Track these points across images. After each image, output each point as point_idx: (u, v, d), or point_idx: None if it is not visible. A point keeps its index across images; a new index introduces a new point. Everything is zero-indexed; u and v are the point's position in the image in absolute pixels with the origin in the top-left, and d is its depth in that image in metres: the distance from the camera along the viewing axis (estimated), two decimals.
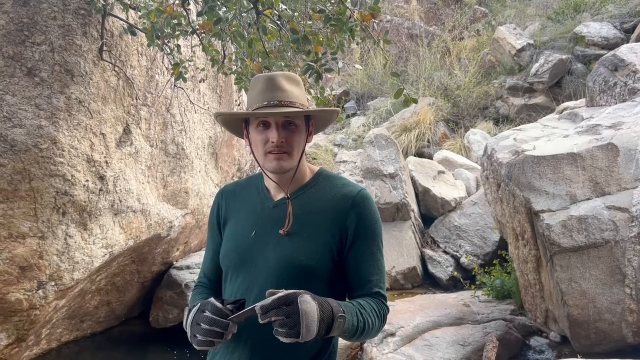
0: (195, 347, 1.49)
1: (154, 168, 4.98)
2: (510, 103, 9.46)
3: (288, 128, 1.62)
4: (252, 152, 1.69)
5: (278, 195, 1.71)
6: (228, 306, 1.48)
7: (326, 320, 1.39)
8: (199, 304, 1.51)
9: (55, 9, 3.91)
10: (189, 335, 1.51)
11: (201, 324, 1.45)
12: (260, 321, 1.35)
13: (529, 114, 8.96)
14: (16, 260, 3.90)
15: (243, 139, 1.76)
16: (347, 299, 1.67)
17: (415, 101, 2.87)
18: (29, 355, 4.59)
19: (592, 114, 4.79)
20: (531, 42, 9.78)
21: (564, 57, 9.21)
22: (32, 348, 4.58)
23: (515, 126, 6.92)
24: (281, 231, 1.62)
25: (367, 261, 1.63)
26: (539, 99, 9.22)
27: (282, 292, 1.37)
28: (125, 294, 5.41)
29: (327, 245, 1.60)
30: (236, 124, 1.76)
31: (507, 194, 4.36)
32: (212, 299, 1.49)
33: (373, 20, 3.00)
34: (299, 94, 1.67)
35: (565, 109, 5.58)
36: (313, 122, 1.73)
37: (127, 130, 4.59)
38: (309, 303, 1.36)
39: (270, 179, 1.69)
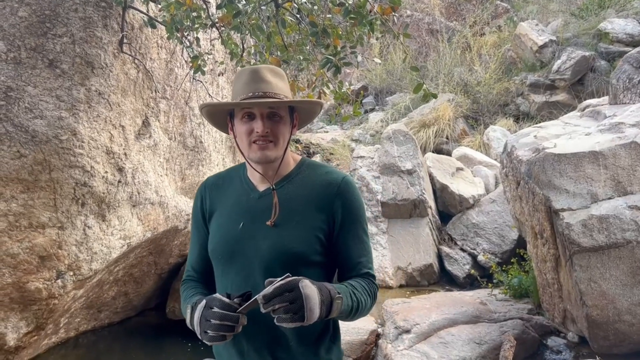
0: (207, 342, 1.51)
1: (172, 161, 5.01)
2: (531, 100, 9.33)
3: (272, 119, 1.66)
4: (237, 144, 1.72)
5: (262, 186, 1.73)
6: (235, 300, 1.49)
7: (326, 302, 1.45)
8: (204, 300, 1.53)
9: (77, 0, 3.94)
10: (198, 332, 1.53)
11: (211, 320, 1.47)
12: (263, 310, 1.39)
13: (550, 111, 8.83)
14: (36, 249, 3.95)
15: (227, 133, 1.79)
16: (336, 281, 1.73)
17: (435, 96, 2.84)
18: (47, 343, 4.66)
19: (615, 111, 4.70)
20: (554, 38, 9.62)
21: (587, 54, 9.06)
22: (50, 337, 4.64)
23: (536, 123, 6.82)
24: (268, 222, 1.65)
25: (355, 244, 1.70)
26: (560, 96, 9.07)
27: (281, 280, 1.40)
28: (143, 285, 5.46)
29: (316, 231, 1.65)
30: (221, 117, 1.78)
31: (526, 192, 4.30)
32: (217, 295, 1.51)
33: (393, 13, 2.97)
34: (283, 87, 1.70)
35: (587, 106, 5.48)
36: (297, 115, 1.76)
37: (146, 123, 4.62)
38: (309, 287, 1.41)
39: (255, 169, 1.71)
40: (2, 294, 3.95)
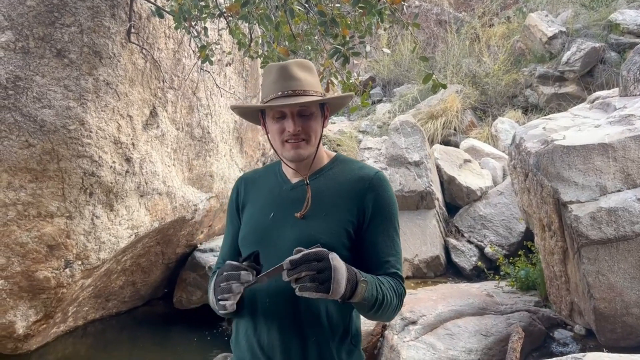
0: (222, 313, 1.53)
1: (180, 151, 5.02)
2: (540, 92, 9.26)
3: (304, 116, 1.64)
4: (270, 141, 1.72)
5: (295, 179, 1.73)
6: (244, 263, 1.51)
7: (352, 281, 1.43)
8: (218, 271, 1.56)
9: None
10: (214, 304, 1.55)
11: (220, 285, 1.49)
12: (287, 277, 1.37)
13: (559, 103, 8.76)
14: (44, 239, 3.97)
15: (261, 127, 1.79)
16: None
17: (445, 86, 2.82)
18: (56, 332, 4.70)
19: (625, 103, 4.66)
20: (563, 29, 9.53)
21: (597, 45, 8.97)
22: (59, 325, 4.68)
23: (545, 115, 6.77)
24: (297, 214, 1.64)
25: (384, 242, 1.65)
26: (569, 88, 9.00)
27: (311, 249, 1.39)
28: (150, 275, 5.49)
29: (345, 224, 1.62)
30: (253, 113, 1.80)
31: (534, 184, 4.28)
32: (228, 261, 1.54)
33: (402, 2, 2.95)
34: (313, 81, 1.68)
35: (597, 98, 5.43)
36: (328, 107, 1.74)
37: (153, 113, 4.62)
38: (338, 260, 1.40)
39: (289, 166, 1.71)
40: (11, 283, 3.98)
